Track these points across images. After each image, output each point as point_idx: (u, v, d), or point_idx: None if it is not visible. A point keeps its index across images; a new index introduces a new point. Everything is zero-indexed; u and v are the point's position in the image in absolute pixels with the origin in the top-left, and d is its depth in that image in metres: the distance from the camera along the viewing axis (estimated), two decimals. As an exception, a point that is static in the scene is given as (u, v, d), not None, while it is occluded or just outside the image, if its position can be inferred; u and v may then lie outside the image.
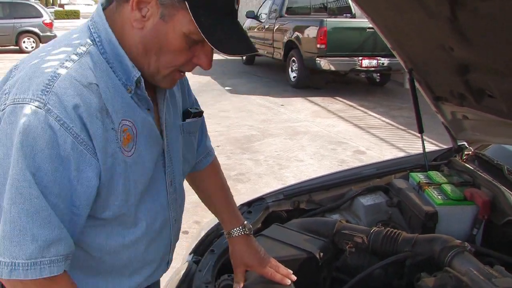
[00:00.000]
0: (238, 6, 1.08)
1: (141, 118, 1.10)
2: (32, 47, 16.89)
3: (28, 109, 0.93)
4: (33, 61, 1.02)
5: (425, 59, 1.86)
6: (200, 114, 1.38)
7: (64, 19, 44.21)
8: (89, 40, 1.05)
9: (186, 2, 0.99)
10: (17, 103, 0.95)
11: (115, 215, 1.10)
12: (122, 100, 1.06)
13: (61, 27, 28.17)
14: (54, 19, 19.17)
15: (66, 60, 1.00)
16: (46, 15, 17.41)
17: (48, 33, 17.03)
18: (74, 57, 1.01)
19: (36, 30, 16.92)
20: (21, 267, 0.94)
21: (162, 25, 1.02)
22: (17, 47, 16.86)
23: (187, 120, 1.33)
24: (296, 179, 5.14)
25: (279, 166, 5.62)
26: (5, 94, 0.99)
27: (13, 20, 16.62)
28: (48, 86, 0.95)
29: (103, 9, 1.09)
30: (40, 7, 17.67)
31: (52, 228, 0.95)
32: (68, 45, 1.04)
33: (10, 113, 0.95)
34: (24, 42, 16.90)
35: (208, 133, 1.56)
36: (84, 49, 1.03)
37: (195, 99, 1.46)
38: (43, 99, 0.94)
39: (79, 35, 1.07)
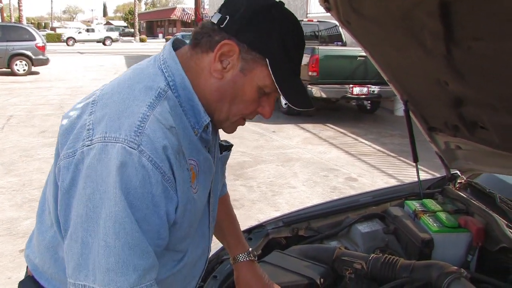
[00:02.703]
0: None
1: (203, 158, 1.17)
2: (24, 70, 16.87)
3: (121, 149, 0.97)
4: (115, 98, 1.06)
5: (421, 92, 1.93)
6: (231, 147, 1.44)
7: (56, 42, 44.51)
8: (165, 83, 1.09)
9: (267, 59, 1.09)
10: (108, 141, 0.98)
11: (173, 246, 1.15)
12: (190, 141, 1.11)
13: (53, 50, 28.23)
14: (46, 41, 19.16)
15: (151, 103, 1.03)
16: (39, 38, 17.33)
17: (41, 56, 17.05)
18: (156, 100, 1.05)
19: (28, 53, 16.86)
20: None
21: (241, 77, 1.11)
22: (9, 70, 16.81)
23: (223, 153, 1.39)
24: (289, 205, 5.19)
25: (272, 193, 5.66)
26: (88, 130, 1.03)
27: (6, 43, 16.54)
28: (140, 128, 0.99)
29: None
30: (33, 31, 17.58)
31: (148, 258, 1.01)
32: (147, 87, 1.07)
33: (100, 151, 0.98)
34: (16, 65, 16.85)
35: None
36: (163, 93, 1.07)
37: None
38: (137, 140, 0.98)
39: (154, 77, 1.10)
